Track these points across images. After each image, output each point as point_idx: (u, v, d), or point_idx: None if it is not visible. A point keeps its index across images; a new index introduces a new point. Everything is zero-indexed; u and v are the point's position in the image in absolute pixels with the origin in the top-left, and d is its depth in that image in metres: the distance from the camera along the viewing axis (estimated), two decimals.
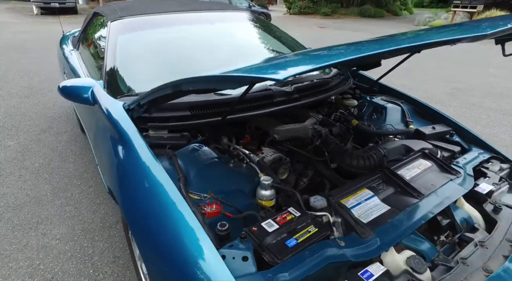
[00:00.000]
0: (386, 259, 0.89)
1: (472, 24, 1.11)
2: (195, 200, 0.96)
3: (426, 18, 13.09)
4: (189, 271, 0.77)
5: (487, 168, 1.29)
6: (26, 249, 1.64)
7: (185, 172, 1.05)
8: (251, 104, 1.33)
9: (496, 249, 0.93)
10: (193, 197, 0.97)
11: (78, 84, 1.47)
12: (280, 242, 0.86)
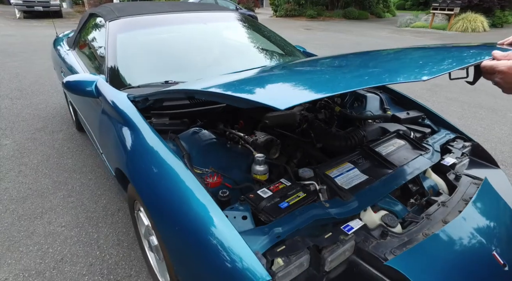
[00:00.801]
0: (364, 217, 1.05)
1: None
2: (198, 174, 1.10)
3: (407, 20, 13.57)
4: (199, 229, 0.90)
5: (452, 146, 1.47)
6: (33, 236, 1.73)
7: (188, 151, 1.18)
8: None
9: (454, 207, 1.10)
10: (197, 171, 1.11)
11: (82, 79, 1.58)
12: (274, 205, 1.00)
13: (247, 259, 0.82)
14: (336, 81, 0.91)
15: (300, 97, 0.76)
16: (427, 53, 1.24)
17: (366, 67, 1.06)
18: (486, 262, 0.96)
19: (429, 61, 1.05)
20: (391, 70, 0.98)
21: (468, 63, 0.84)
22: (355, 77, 0.94)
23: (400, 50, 1.33)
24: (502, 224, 1.11)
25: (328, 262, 0.90)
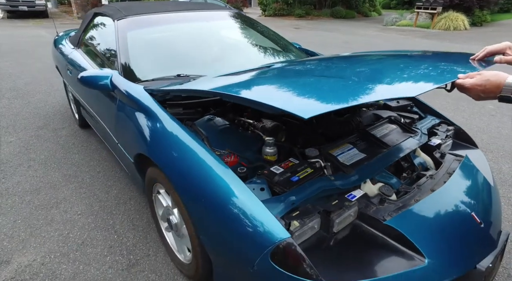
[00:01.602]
0: (364, 188, 1.21)
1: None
2: (217, 154, 1.23)
3: (393, 19, 13.94)
4: (224, 199, 1.04)
5: (437, 129, 1.65)
6: (53, 223, 1.83)
7: (205, 135, 1.31)
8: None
9: (440, 179, 1.28)
10: (215, 152, 1.24)
11: (97, 74, 1.69)
12: (286, 179, 1.15)
13: (268, 222, 0.96)
14: (352, 92, 1.00)
15: (322, 107, 0.85)
16: (414, 66, 1.35)
17: (373, 78, 1.17)
18: (466, 221, 1.14)
19: (418, 76, 1.17)
20: (397, 82, 1.09)
21: (448, 80, 1.00)
22: (368, 89, 1.02)
23: (395, 59, 1.48)
24: (479, 192, 1.29)
25: (336, 224, 1.06)
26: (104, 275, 1.50)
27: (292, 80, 1.22)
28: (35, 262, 1.57)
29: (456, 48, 8.07)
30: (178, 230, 1.42)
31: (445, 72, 1.15)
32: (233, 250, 1.04)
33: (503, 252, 1.19)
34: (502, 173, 2.35)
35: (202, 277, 1.36)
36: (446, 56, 1.51)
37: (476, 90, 0.90)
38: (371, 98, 0.91)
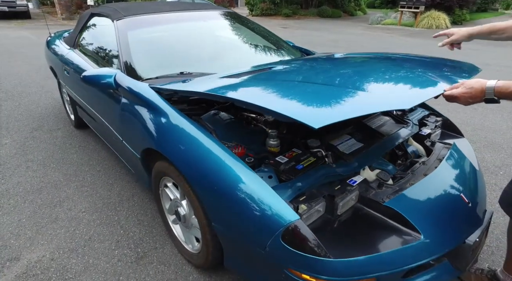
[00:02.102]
0: (363, 174, 1.30)
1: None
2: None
3: (378, 18, 14.26)
4: (236, 187, 1.10)
5: (427, 120, 1.77)
6: (58, 221, 1.85)
7: (213, 129, 1.38)
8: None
9: (431, 164, 1.39)
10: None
11: (101, 73, 1.73)
12: (291, 167, 1.23)
13: (278, 205, 1.04)
14: (356, 102, 1.08)
15: (331, 116, 0.93)
16: (407, 76, 1.43)
17: (374, 88, 1.23)
18: (456, 201, 1.24)
19: (411, 86, 1.25)
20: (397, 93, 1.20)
21: (438, 92, 1.10)
22: (370, 100, 1.10)
23: (390, 66, 1.59)
24: (466, 175, 1.40)
25: (340, 207, 1.14)
26: (114, 268, 1.55)
27: (299, 87, 1.28)
28: (44, 258, 1.60)
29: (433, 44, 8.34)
30: (186, 221, 1.47)
31: (434, 82, 1.26)
32: (245, 234, 1.11)
33: (488, 228, 1.31)
34: (485, 161, 2.51)
35: (212, 265, 1.42)
36: (432, 62, 1.63)
37: (465, 97, 1.01)
38: (373, 110, 1.01)
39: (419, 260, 1.07)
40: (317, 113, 0.99)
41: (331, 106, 1.04)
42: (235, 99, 1.12)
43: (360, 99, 1.11)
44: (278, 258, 1.05)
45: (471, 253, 1.17)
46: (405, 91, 1.22)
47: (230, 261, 1.30)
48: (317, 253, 0.99)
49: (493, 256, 1.59)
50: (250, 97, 1.15)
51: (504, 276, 1.34)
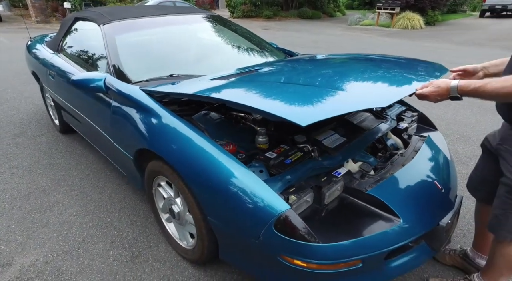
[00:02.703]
0: (347, 166, 1.40)
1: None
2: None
3: (357, 19, 14.68)
4: (230, 181, 1.17)
5: (404, 115, 1.89)
6: (49, 225, 1.85)
7: (204, 128, 1.44)
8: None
9: (408, 155, 1.50)
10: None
11: (90, 77, 1.75)
12: (280, 161, 1.31)
13: (270, 196, 1.11)
14: (340, 101, 1.18)
15: (317, 115, 1.01)
16: (383, 76, 1.55)
17: (355, 87, 1.34)
18: (430, 188, 1.36)
19: (388, 86, 1.39)
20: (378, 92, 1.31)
21: (411, 91, 1.21)
22: (352, 98, 1.21)
23: (368, 67, 1.70)
24: (439, 164, 1.53)
25: (326, 197, 1.23)
26: (110, 267, 1.57)
27: (286, 88, 1.37)
28: (38, 262, 1.60)
29: (415, 45, 8.71)
30: (181, 218, 1.53)
31: (407, 81, 1.39)
32: (240, 225, 1.18)
33: (459, 211, 1.44)
34: (458, 153, 2.68)
35: (207, 258, 1.48)
36: (406, 63, 1.77)
37: (433, 95, 1.13)
38: (354, 108, 1.12)
39: (399, 242, 1.17)
40: (303, 112, 1.07)
41: (317, 105, 1.14)
42: (227, 100, 1.19)
43: (342, 99, 1.21)
44: (271, 246, 1.12)
45: (444, 234, 1.29)
46: (382, 90, 1.33)
47: (225, 253, 1.36)
48: (307, 239, 1.07)
49: (465, 238, 1.74)
50: (241, 98, 1.22)
51: (473, 254, 1.48)
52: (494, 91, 0.97)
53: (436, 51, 7.83)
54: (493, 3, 16.28)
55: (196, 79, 1.67)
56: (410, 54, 7.28)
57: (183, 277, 1.53)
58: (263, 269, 1.25)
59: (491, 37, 10.12)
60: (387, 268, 1.23)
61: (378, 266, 1.21)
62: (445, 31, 11.95)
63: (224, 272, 1.55)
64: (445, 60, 6.67)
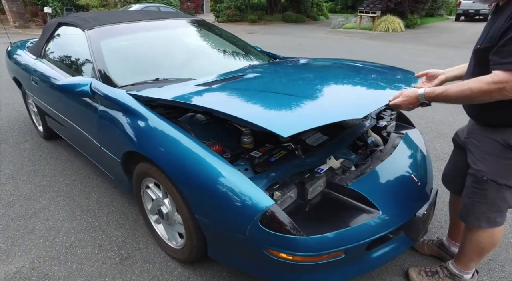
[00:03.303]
0: (329, 163, 1.46)
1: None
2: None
3: (340, 22, 15.01)
4: (216, 179, 1.21)
5: (383, 114, 1.98)
6: (35, 231, 1.84)
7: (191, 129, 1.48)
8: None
9: (387, 151, 1.58)
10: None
11: (76, 81, 1.76)
12: (265, 160, 1.36)
13: (255, 193, 1.16)
14: (320, 112, 1.25)
15: (299, 125, 1.08)
16: (360, 86, 1.64)
17: (334, 98, 1.42)
18: (408, 181, 1.44)
19: (364, 96, 1.48)
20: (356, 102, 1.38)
21: (385, 102, 1.29)
22: (332, 110, 1.28)
23: (348, 76, 1.79)
24: (416, 159, 1.62)
25: (309, 192, 1.29)
26: (99, 271, 1.58)
27: (268, 97, 1.43)
28: (24, 268, 1.59)
29: (396, 47, 8.99)
30: (169, 218, 1.55)
31: (382, 92, 1.48)
32: (227, 222, 1.22)
33: (435, 203, 1.52)
34: (436, 150, 2.81)
35: (196, 257, 1.51)
36: (381, 71, 1.88)
37: (405, 104, 1.22)
38: (332, 119, 1.16)
39: (379, 232, 1.24)
40: (286, 123, 1.14)
41: (298, 116, 1.21)
42: (213, 109, 1.25)
43: (322, 109, 1.29)
44: (257, 240, 1.16)
45: (421, 224, 1.36)
46: (359, 100, 1.43)
47: (213, 251, 1.40)
48: (291, 232, 1.12)
49: (442, 230, 1.83)
50: (226, 107, 1.27)
51: (449, 243, 1.57)
52: (454, 95, 1.06)
53: (416, 53, 8.10)
54: (467, 8, 17.24)
55: (182, 84, 1.70)
56: (393, 56, 7.52)
57: (172, 277, 1.55)
58: (250, 264, 1.29)
59: (466, 39, 10.56)
60: (369, 258, 1.30)
61: (360, 257, 1.27)
62: (424, 34, 12.37)
63: (213, 270, 1.58)
64: (424, 62, 6.94)
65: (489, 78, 0.97)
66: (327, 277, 1.25)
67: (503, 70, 0.95)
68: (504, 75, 0.94)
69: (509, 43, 0.94)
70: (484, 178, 1.14)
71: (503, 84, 0.94)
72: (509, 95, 0.96)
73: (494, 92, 0.97)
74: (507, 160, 1.09)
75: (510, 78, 0.94)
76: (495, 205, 1.16)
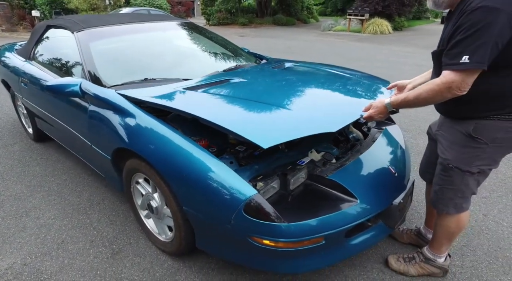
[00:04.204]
0: (311, 156, 1.54)
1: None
2: None
3: (329, 25, 15.26)
4: (203, 172, 1.27)
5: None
6: (26, 229, 1.86)
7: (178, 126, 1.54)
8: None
9: (367, 145, 1.67)
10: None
11: (66, 82, 1.80)
12: (249, 154, 1.43)
13: (238, 184, 1.23)
14: (299, 124, 1.34)
15: (278, 137, 1.19)
16: (337, 98, 1.74)
17: (314, 109, 1.51)
18: (385, 172, 1.53)
19: (339, 110, 1.56)
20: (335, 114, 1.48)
21: (359, 116, 1.40)
22: (316, 119, 1.39)
23: (328, 85, 1.89)
24: (394, 152, 1.71)
25: (291, 183, 1.36)
26: (90, 265, 1.62)
27: (251, 106, 1.50)
28: (15, 264, 1.62)
29: (385, 49, 9.20)
30: (159, 212, 1.60)
31: (357, 103, 1.60)
32: (213, 212, 1.28)
33: (412, 193, 1.62)
34: (419, 146, 2.92)
35: (185, 249, 1.56)
36: (360, 81, 1.99)
37: (376, 115, 1.33)
38: (309, 132, 1.26)
39: (357, 220, 1.32)
40: (265, 134, 1.24)
41: (277, 127, 1.31)
42: (197, 116, 1.32)
43: (300, 121, 1.38)
44: (242, 229, 1.23)
45: (398, 213, 1.45)
46: (335, 112, 1.51)
47: (201, 242, 1.46)
48: (274, 220, 1.19)
49: (421, 220, 1.92)
50: (209, 114, 1.35)
51: (425, 230, 1.66)
52: (413, 99, 1.18)
53: (403, 54, 8.31)
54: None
55: (170, 87, 1.74)
56: (381, 57, 7.70)
57: (163, 269, 1.60)
58: (236, 253, 1.36)
59: None
60: (348, 245, 1.37)
61: (339, 243, 1.34)
62: (411, 36, 12.67)
63: (202, 262, 1.64)
64: (411, 63, 7.12)
65: (438, 80, 1.09)
66: (310, 263, 1.33)
67: (450, 70, 1.06)
68: (451, 75, 1.05)
69: (455, 46, 1.04)
70: (449, 165, 1.23)
71: (449, 83, 1.06)
72: (457, 93, 1.07)
73: (444, 91, 1.08)
74: (469, 148, 1.18)
75: (456, 77, 1.04)
76: (460, 191, 1.25)
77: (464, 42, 1.01)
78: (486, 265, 1.62)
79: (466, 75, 1.03)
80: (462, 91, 1.06)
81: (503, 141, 1.15)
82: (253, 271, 1.57)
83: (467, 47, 1.00)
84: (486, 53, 0.99)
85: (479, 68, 1.02)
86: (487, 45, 0.98)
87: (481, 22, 0.97)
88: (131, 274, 1.57)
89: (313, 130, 1.28)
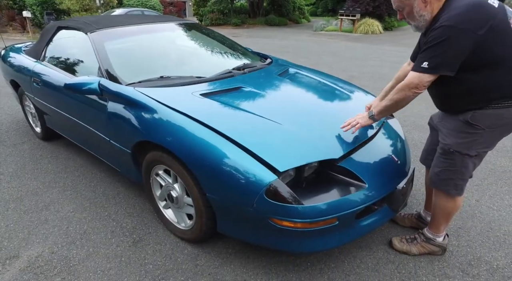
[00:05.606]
0: None
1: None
2: None
3: (321, 25, 15.48)
4: (224, 160, 1.38)
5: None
6: (49, 222, 1.95)
7: None
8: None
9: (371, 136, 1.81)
10: None
11: (84, 80, 1.89)
12: None
13: (260, 170, 1.35)
14: (312, 148, 1.49)
15: (293, 162, 1.38)
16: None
17: (326, 131, 1.63)
18: (388, 160, 1.67)
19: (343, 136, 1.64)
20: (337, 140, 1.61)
21: (362, 140, 1.62)
22: (324, 145, 1.53)
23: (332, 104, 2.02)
24: (394, 142, 1.85)
25: (306, 170, 1.49)
26: (114, 252, 1.72)
27: (265, 124, 1.60)
28: (44, 253, 1.70)
29: (376, 48, 9.43)
30: (179, 202, 1.71)
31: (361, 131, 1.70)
32: (235, 197, 1.39)
33: (413, 179, 1.76)
34: (414, 140, 3.09)
35: (205, 235, 1.67)
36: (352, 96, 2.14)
37: (366, 123, 1.56)
38: (319, 158, 1.45)
39: (366, 202, 1.45)
40: (281, 157, 1.40)
41: (292, 151, 1.46)
42: (219, 131, 1.47)
43: (310, 146, 1.51)
44: (263, 211, 1.35)
45: (401, 197, 1.59)
46: (342, 134, 1.63)
47: (222, 226, 1.57)
48: (292, 202, 1.32)
49: (421, 206, 2.07)
50: (229, 130, 1.48)
51: (425, 214, 1.81)
52: (387, 106, 1.43)
53: (394, 54, 8.54)
54: None
55: (187, 90, 1.83)
56: (374, 56, 7.90)
57: (183, 255, 1.71)
58: (256, 234, 1.48)
59: None
60: (358, 226, 1.51)
61: (351, 224, 1.48)
62: (401, 36, 12.97)
63: (220, 247, 1.75)
64: (402, 62, 7.33)
65: (402, 82, 1.33)
66: (324, 242, 1.46)
67: (412, 72, 1.30)
68: (413, 75, 1.29)
69: (421, 54, 1.28)
70: (450, 150, 1.38)
71: (410, 83, 1.29)
72: (417, 91, 1.30)
73: (405, 90, 1.32)
74: (467, 134, 1.34)
75: (415, 78, 1.28)
76: (460, 173, 1.40)
77: (427, 51, 1.24)
78: (480, 244, 1.77)
79: (423, 77, 1.26)
80: (420, 90, 1.30)
81: (496, 126, 1.30)
82: (268, 254, 1.70)
83: (428, 55, 1.24)
84: (444, 61, 1.21)
85: (434, 74, 1.25)
86: (444, 54, 1.20)
87: (441, 37, 1.19)
88: (155, 260, 1.67)
89: (321, 156, 1.47)
